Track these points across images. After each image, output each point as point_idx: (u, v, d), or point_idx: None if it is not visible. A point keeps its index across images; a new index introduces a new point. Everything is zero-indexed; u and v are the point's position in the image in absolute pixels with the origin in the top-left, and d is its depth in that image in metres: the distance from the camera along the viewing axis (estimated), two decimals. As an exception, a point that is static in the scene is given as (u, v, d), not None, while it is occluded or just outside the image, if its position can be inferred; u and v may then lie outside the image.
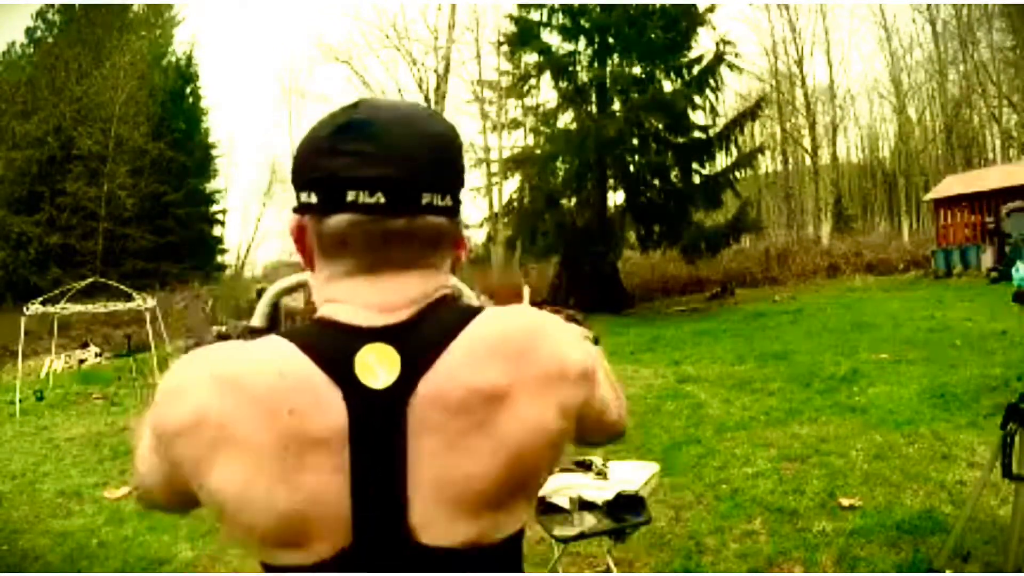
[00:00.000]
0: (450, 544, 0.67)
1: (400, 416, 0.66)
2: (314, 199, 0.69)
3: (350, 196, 0.67)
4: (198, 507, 0.73)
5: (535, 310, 0.79)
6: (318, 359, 0.66)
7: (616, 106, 16.83)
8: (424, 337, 0.68)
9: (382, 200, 0.67)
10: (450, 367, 0.67)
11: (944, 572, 2.71)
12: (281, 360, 0.66)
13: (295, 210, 0.73)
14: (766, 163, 30.92)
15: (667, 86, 17.01)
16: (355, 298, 0.70)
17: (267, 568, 0.70)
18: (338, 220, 0.68)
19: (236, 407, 0.64)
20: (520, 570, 0.77)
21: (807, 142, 30.60)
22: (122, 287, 12.34)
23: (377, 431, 0.65)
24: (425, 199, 0.69)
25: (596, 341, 0.90)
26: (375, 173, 0.67)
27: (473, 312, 0.72)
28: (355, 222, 0.68)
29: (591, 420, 0.79)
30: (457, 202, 0.74)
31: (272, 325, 1.05)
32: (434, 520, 0.67)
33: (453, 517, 0.67)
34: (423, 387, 0.66)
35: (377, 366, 0.66)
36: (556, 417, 0.71)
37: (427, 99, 28.71)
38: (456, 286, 0.90)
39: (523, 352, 0.70)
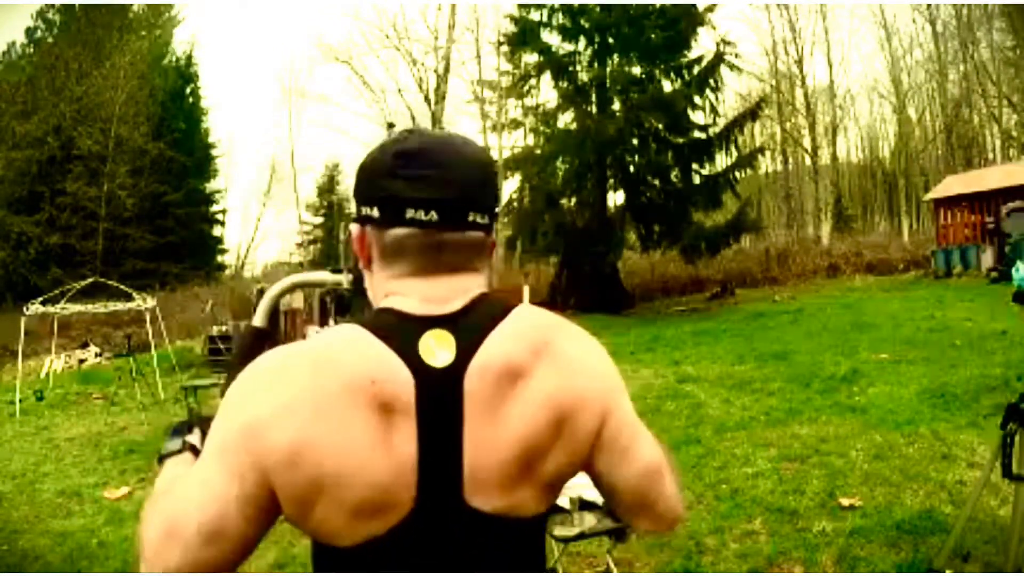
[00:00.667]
0: (499, 510, 0.78)
1: (458, 390, 0.77)
2: (376, 213, 0.82)
3: (408, 213, 0.80)
4: (261, 538, 0.77)
5: (560, 316, 0.89)
6: (389, 342, 0.77)
7: (616, 106, 16.82)
8: (473, 323, 0.80)
9: (435, 218, 0.80)
10: (492, 348, 0.79)
11: (944, 572, 2.71)
12: (360, 341, 0.77)
13: (356, 220, 0.86)
14: (766, 163, 30.95)
15: (667, 86, 17.00)
16: (414, 291, 0.82)
17: (334, 554, 0.76)
18: (397, 232, 0.81)
19: (328, 380, 0.74)
20: (543, 554, 0.87)
21: (807, 142, 30.62)
22: (122, 287, 12.34)
23: (439, 404, 0.76)
24: (471, 217, 0.82)
25: None
26: (429, 195, 0.80)
27: (510, 307, 0.84)
28: (412, 235, 0.81)
29: (616, 443, 0.85)
30: (494, 220, 0.87)
31: (272, 325, 1.05)
32: (481, 485, 0.77)
33: (493, 483, 0.77)
34: (473, 364, 0.78)
35: (437, 348, 0.78)
36: (572, 400, 0.81)
37: (427, 99, 28.74)
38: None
39: (547, 341, 0.82)
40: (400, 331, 0.78)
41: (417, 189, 0.80)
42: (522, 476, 0.79)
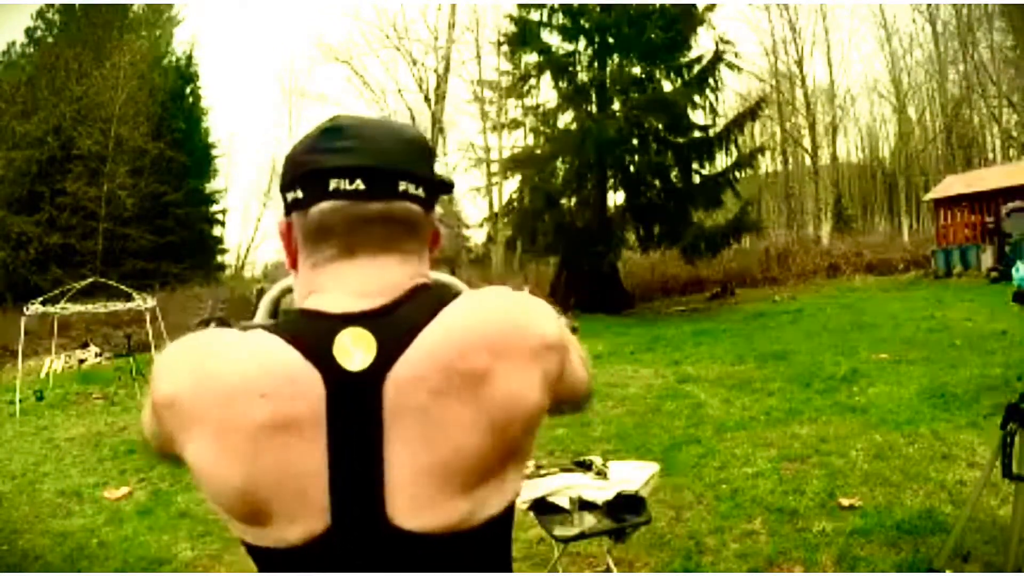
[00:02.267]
0: (427, 528, 0.69)
1: (376, 397, 0.68)
2: (300, 194, 0.75)
3: (332, 184, 0.72)
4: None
5: (508, 290, 0.80)
6: (299, 346, 0.69)
7: (616, 106, 16.83)
8: (401, 320, 0.71)
9: (361, 186, 0.73)
10: (426, 348, 0.69)
11: (944, 572, 2.71)
12: (260, 350, 0.69)
13: (284, 213, 0.79)
14: (766, 163, 30.93)
15: (667, 86, 17.02)
16: (337, 283, 0.74)
17: (248, 548, 0.73)
18: (321, 207, 0.73)
19: (206, 394, 0.68)
20: (508, 556, 0.79)
21: (807, 142, 30.61)
22: (122, 287, 12.33)
23: (353, 412, 0.68)
24: (401, 186, 0.74)
25: (575, 330, 0.93)
26: (355, 163, 0.73)
27: (449, 296, 0.75)
28: (337, 208, 0.73)
29: (566, 388, 0.81)
30: (432, 197, 0.79)
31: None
32: (412, 503, 0.69)
33: (434, 499, 0.69)
34: (399, 368, 0.69)
35: (353, 348, 0.69)
36: (539, 387, 0.74)
37: (427, 99, 28.74)
38: (452, 283, 0.93)
39: (504, 331, 0.73)
40: (313, 331, 0.70)
41: (341, 158, 0.73)
42: (476, 484, 0.71)
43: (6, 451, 7.08)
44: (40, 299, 10.99)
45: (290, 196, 0.76)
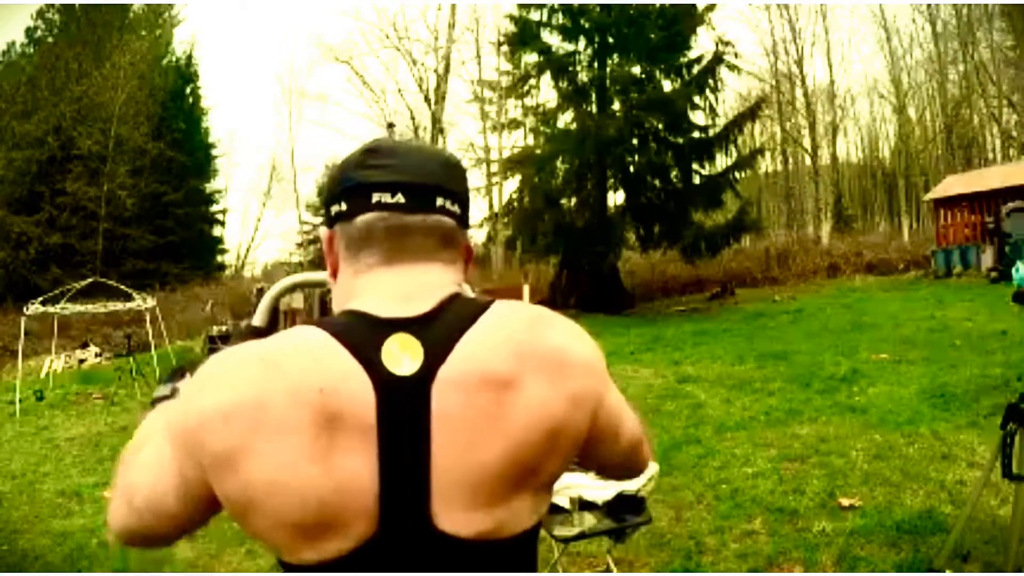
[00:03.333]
0: (468, 534, 0.70)
1: (425, 401, 0.70)
2: (344, 207, 0.80)
3: (375, 198, 0.77)
4: (205, 522, 0.76)
5: (545, 310, 0.83)
6: (348, 346, 0.70)
7: (616, 106, 16.82)
8: (443, 327, 0.74)
9: (402, 200, 0.77)
10: (465, 355, 0.72)
11: (944, 572, 2.71)
12: (315, 345, 0.71)
13: (327, 225, 0.84)
14: (766, 163, 30.96)
15: (667, 86, 17.01)
16: (378, 289, 0.77)
17: (288, 568, 0.72)
18: (364, 218, 0.78)
19: (273, 386, 0.68)
20: (535, 569, 0.80)
21: (807, 142, 30.59)
22: (122, 287, 12.34)
23: (404, 417, 0.69)
24: (438, 201, 0.79)
25: None
26: (396, 178, 0.78)
27: (486, 305, 0.78)
28: (380, 218, 0.78)
29: (605, 427, 0.82)
30: (465, 215, 0.84)
31: (272, 325, 1.05)
32: (453, 508, 0.70)
33: (470, 505, 0.70)
34: (443, 373, 0.71)
35: (401, 354, 0.71)
36: (565, 406, 0.74)
37: (427, 99, 28.76)
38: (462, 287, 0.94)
39: (530, 341, 0.75)
40: (363, 334, 0.72)
41: (384, 174, 0.78)
42: (507, 494, 0.72)
43: (6, 451, 7.09)
44: (40, 299, 10.99)
45: (334, 209, 0.81)
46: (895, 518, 3.44)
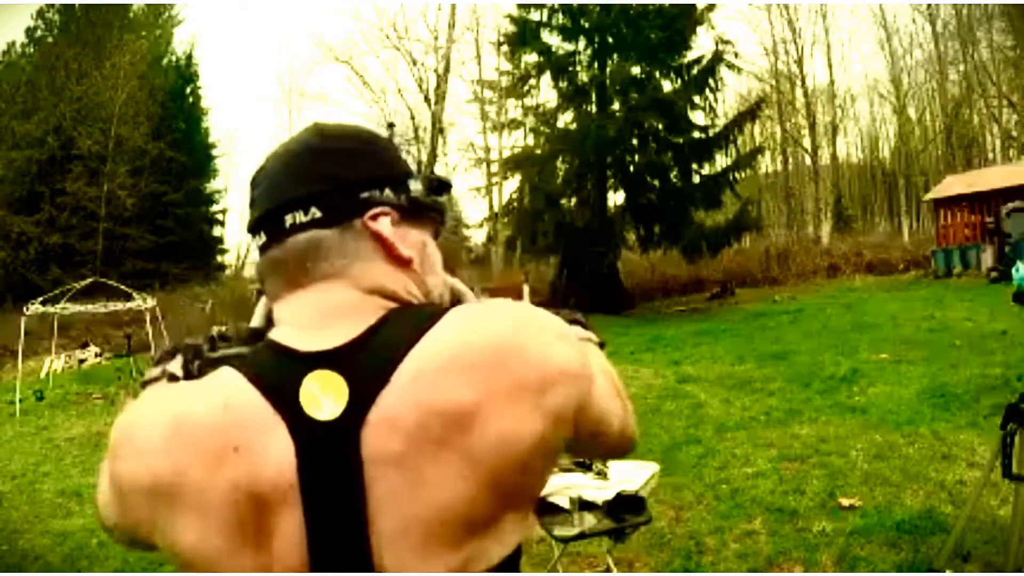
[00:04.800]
0: None
1: (352, 450, 0.60)
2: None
3: (254, 242, 0.72)
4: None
5: (511, 303, 0.70)
6: (263, 388, 0.62)
7: (616, 106, 16.83)
8: (373, 356, 0.63)
9: (264, 238, 0.70)
10: (404, 387, 0.60)
11: (944, 572, 2.71)
12: (227, 392, 0.63)
13: None
14: (766, 163, 30.97)
15: (666, 86, 17.03)
16: (291, 316, 0.68)
17: None
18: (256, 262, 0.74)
19: (186, 452, 0.61)
20: None
21: (807, 142, 30.62)
22: (122, 287, 12.35)
23: (328, 469, 0.60)
24: (288, 221, 0.68)
25: (602, 346, 0.84)
26: (255, 214, 0.71)
27: (431, 318, 0.65)
28: (259, 263, 0.72)
29: (586, 430, 0.70)
30: (337, 209, 0.68)
31: (271, 326, 1.04)
32: (405, 562, 0.61)
33: (426, 555, 0.61)
34: (375, 414, 0.60)
35: (321, 396, 0.61)
36: (541, 424, 0.63)
37: (427, 99, 28.75)
38: (453, 287, 0.82)
39: (494, 360, 0.62)
40: (277, 373, 0.63)
41: (251, 213, 0.72)
42: (470, 534, 0.62)
43: (6, 451, 7.09)
44: (40, 299, 11.00)
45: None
46: (895, 518, 3.44)
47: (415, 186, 0.74)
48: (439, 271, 0.77)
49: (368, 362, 0.62)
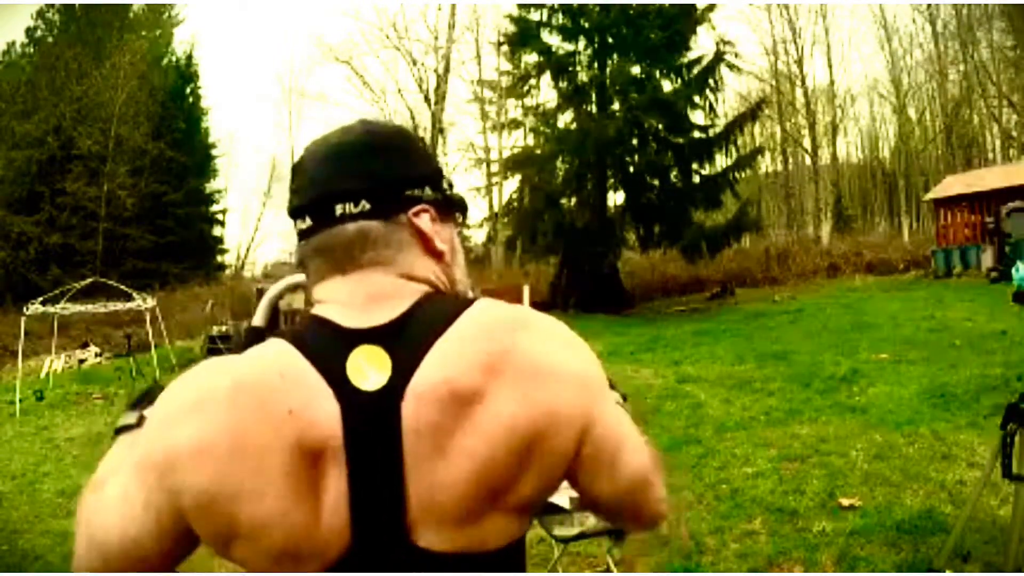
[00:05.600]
0: (446, 548, 0.67)
1: (393, 417, 0.66)
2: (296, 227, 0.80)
3: (297, 226, 0.78)
4: (184, 559, 0.72)
5: (530, 309, 0.78)
6: (313, 359, 0.68)
7: (616, 106, 16.83)
8: (412, 336, 0.70)
9: (310, 223, 0.76)
10: (434, 365, 0.68)
11: (944, 572, 2.71)
12: (281, 361, 0.68)
13: None
14: (766, 163, 30.96)
15: (667, 86, 17.03)
16: (338, 296, 0.74)
17: None
18: (298, 244, 0.79)
19: (246, 415, 0.65)
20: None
21: (807, 142, 30.62)
22: (122, 287, 12.35)
23: (371, 434, 0.66)
24: (338, 211, 0.74)
25: (624, 399, 0.86)
26: (300, 201, 0.77)
27: (460, 308, 0.72)
28: (302, 247, 0.78)
29: (601, 457, 0.74)
30: (384, 203, 0.75)
31: (272, 325, 1.04)
32: (429, 522, 0.67)
33: (444, 521, 0.67)
34: (412, 387, 0.67)
35: (367, 368, 0.67)
36: (539, 421, 0.68)
37: (427, 99, 28.77)
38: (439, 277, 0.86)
39: (503, 349, 0.69)
40: (328, 347, 0.69)
41: (294, 199, 0.78)
42: (481, 511, 0.68)
43: (6, 451, 7.09)
44: (40, 299, 11.00)
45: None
46: (895, 518, 3.44)
47: (446, 185, 0.82)
48: (463, 264, 0.85)
49: (407, 340, 0.69)
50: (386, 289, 0.74)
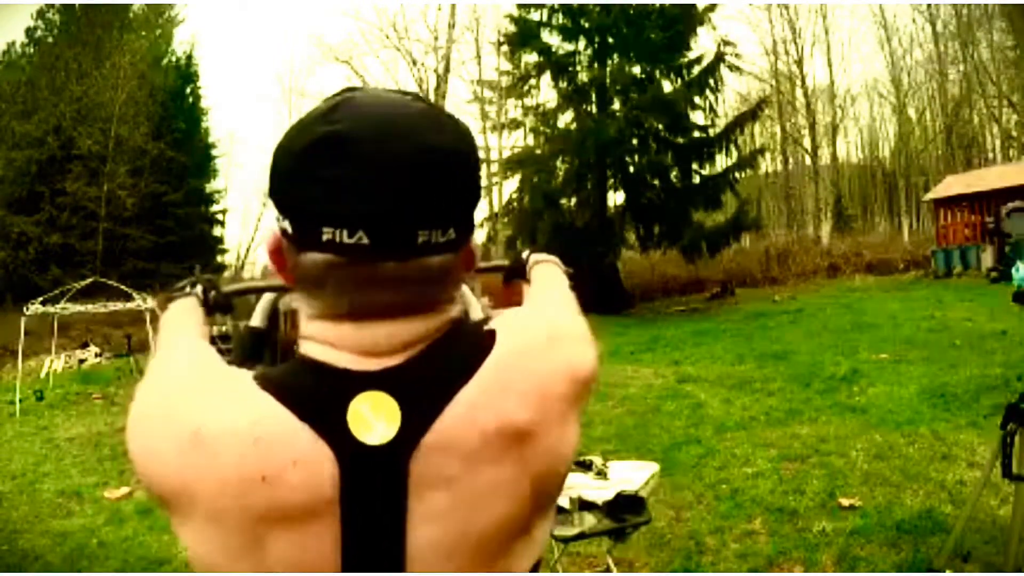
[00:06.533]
0: None
1: (402, 475, 0.56)
2: (289, 227, 0.59)
3: (326, 234, 0.56)
4: None
5: (540, 315, 0.77)
6: (301, 411, 0.56)
7: (616, 106, 16.84)
8: (428, 380, 0.59)
9: (364, 241, 0.55)
10: (462, 413, 0.58)
11: (944, 572, 2.71)
12: (256, 420, 0.56)
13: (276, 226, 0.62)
14: (766, 163, 30.93)
15: (667, 86, 17.04)
16: (341, 342, 0.59)
17: None
18: (314, 259, 0.57)
19: (204, 472, 0.55)
20: None
21: (807, 142, 30.62)
22: (122, 287, 12.33)
23: (373, 494, 0.56)
24: (421, 238, 0.57)
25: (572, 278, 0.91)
26: (355, 207, 0.55)
27: (483, 339, 0.63)
28: (333, 264, 0.57)
29: None
30: (467, 230, 0.62)
31: (271, 325, 1.04)
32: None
33: (467, 570, 0.60)
34: (431, 438, 0.57)
35: (373, 418, 0.56)
36: (577, 430, 0.66)
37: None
38: (468, 301, 0.85)
39: (545, 380, 0.62)
40: (319, 394, 0.57)
41: (337, 199, 0.55)
42: (500, 552, 0.61)
43: (6, 451, 7.08)
44: (40, 299, 10.99)
45: (279, 218, 0.60)
46: (895, 518, 3.44)
47: None
48: None
49: (424, 385, 0.59)
50: (414, 335, 0.60)
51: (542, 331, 0.68)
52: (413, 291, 0.59)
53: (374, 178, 0.55)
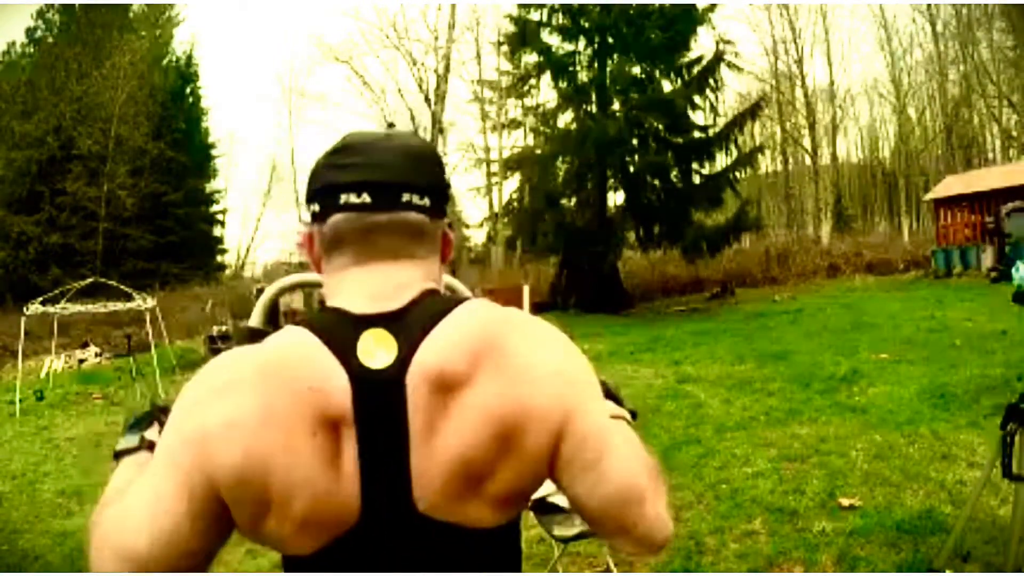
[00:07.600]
0: (449, 519, 0.74)
1: (400, 393, 0.73)
2: (316, 208, 0.82)
3: (342, 199, 0.80)
4: (216, 551, 0.77)
5: (523, 312, 0.84)
6: (327, 342, 0.74)
7: (616, 106, 16.83)
8: (413, 323, 0.77)
9: (367, 200, 0.79)
10: (430, 350, 0.74)
11: (944, 572, 2.71)
12: (301, 345, 0.75)
13: (306, 225, 0.86)
14: (766, 163, 30.95)
15: (667, 86, 17.03)
16: (353, 287, 0.80)
17: (290, 563, 0.77)
18: (335, 219, 0.80)
19: (274, 392, 0.72)
20: (519, 556, 0.84)
21: (807, 142, 30.61)
22: (122, 287, 12.32)
23: (380, 408, 0.73)
24: (404, 197, 0.80)
25: (634, 416, 0.86)
26: (361, 178, 0.80)
27: (456, 303, 0.80)
28: (347, 219, 0.80)
29: (582, 457, 0.75)
30: (438, 205, 0.84)
31: (271, 325, 1.06)
32: (427, 494, 0.73)
33: (438, 493, 0.73)
34: (413, 367, 0.74)
35: (376, 348, 0.75)
36: (515, 413, 0.74)
37: (427, 99, 28.70)
38: (451, 285, 0.98)
39: (488, 342, 0.76)
40: (340, 331, 0.76)
41: (350, 174, 0.80)
42: (467, 492, 0.74)
43: (6, 451, 7.09)
44: (40, 299, 10.98)
45: (310, 209, 0.84)
46: (895, 518, 3.44)
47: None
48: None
49: (410, 326, 0.76)
50: (402, 281, 0.81)
51: (508, 313, 0.82)
52: (401, 239, 0.81)
53: (373, 159, 0.81)
